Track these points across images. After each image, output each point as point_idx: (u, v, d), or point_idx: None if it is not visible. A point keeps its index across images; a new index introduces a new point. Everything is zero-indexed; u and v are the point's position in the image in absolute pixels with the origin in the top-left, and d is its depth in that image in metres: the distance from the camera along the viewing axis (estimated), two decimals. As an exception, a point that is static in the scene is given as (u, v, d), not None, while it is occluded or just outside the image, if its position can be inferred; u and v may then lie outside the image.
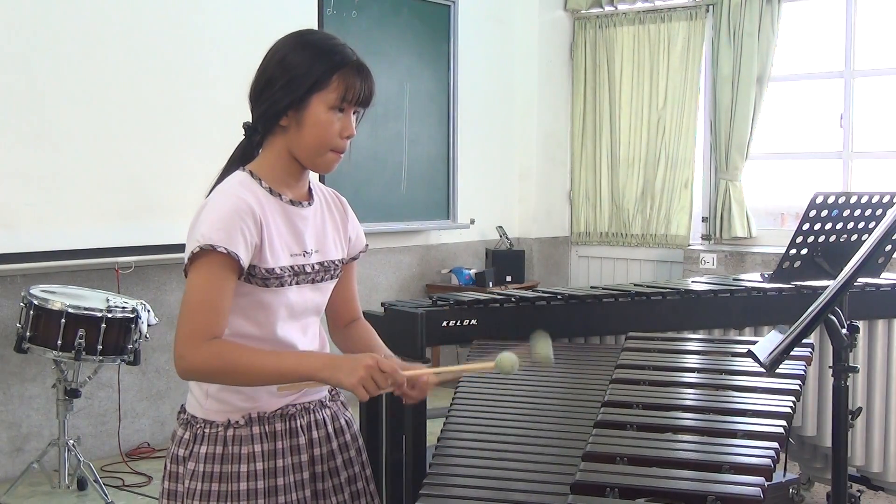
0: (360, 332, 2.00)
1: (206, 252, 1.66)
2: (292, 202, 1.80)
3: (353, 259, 1.98)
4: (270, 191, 1.77)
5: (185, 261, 1.69)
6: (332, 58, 1.74)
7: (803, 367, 2.15)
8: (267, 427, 1.78)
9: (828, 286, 1.72)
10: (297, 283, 1.79)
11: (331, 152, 1.77)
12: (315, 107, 1.73)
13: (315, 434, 1.85)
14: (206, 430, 1.78)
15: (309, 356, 1.75)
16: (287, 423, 1.81)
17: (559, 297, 2.98)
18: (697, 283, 3.39)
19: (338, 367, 1.67)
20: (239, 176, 1.77)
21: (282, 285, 1.76)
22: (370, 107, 1.81)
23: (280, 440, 1.79)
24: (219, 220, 1.67)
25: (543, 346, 1.79)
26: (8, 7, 4.12)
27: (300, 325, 1.83)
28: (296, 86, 1.72)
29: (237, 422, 1.77)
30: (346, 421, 1.94)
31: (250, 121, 1.81)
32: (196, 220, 1.71)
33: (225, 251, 1.65)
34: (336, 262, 1.89)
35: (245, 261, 1.69)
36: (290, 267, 1.77)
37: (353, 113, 1.78)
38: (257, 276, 1.72)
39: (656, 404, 1.98)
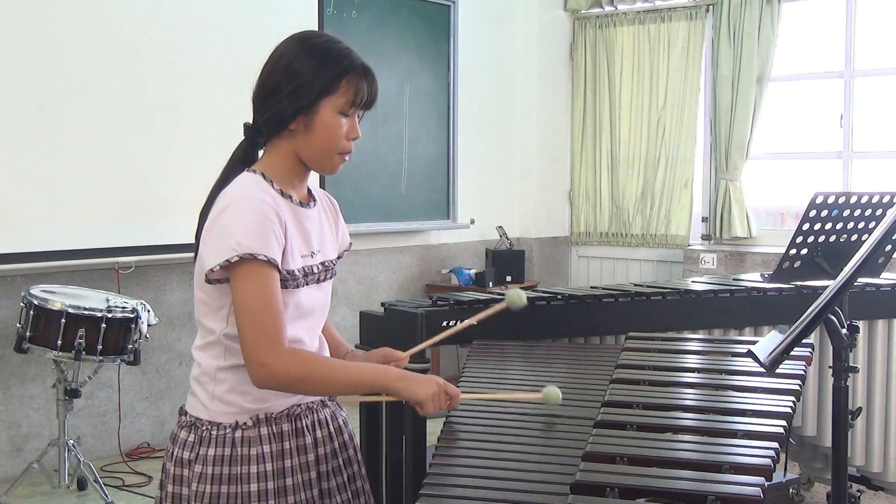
0: (325, 332, 2.02)
1: (248, 260, 1.65)
2: (300, 203, 1.82)
3: (339, 258, 2.00)
4: (282, 192, 1.78)
5: (215, 266, 1.67)
6: (339, 63, 1.75)
7: (803, 367, 2.15)
8: (274, 427, 1.79)
9: (828, 286, 1.72)
10: (307, 284, 1.80)
11: (338, 155, 1.80)
12: (324, 111, 1.75)
13: (319, 433, 1.86)
14: (213, 433, 1.77)
15: (383, 368, 1.80)
16: (293, 423, 1.82)
17: (559, 297, 2.98)
18: (697, 283, 3.39)
19: (412, 379, 1.75)
20: (252, 178, 1.77)
21: (297, 287, 1.77)
22: (372, 108, 1.84)
23: (287, 440, 1.80)
24: (252, 227, 1.67)
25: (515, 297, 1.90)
26: (8, 7, 4.12)
27: (308, 324, 1.84)
28: (304, 92, 1.74)
29: (245, 423, 1.77)
30: (343, 420, 1.96)
31: (251, 122, 1.81)
32: (220, 224, 1.68)
33: (265, 258, 1.66)
34: (334, 261, 1.92)
35: (280, 264, 1.70)
36: (302, 268, 1.79)
37: (357, 115, 1.81)
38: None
39: (656, 404, 1.98)
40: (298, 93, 1.73)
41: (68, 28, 4.30)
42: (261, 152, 1.84)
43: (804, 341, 1.74)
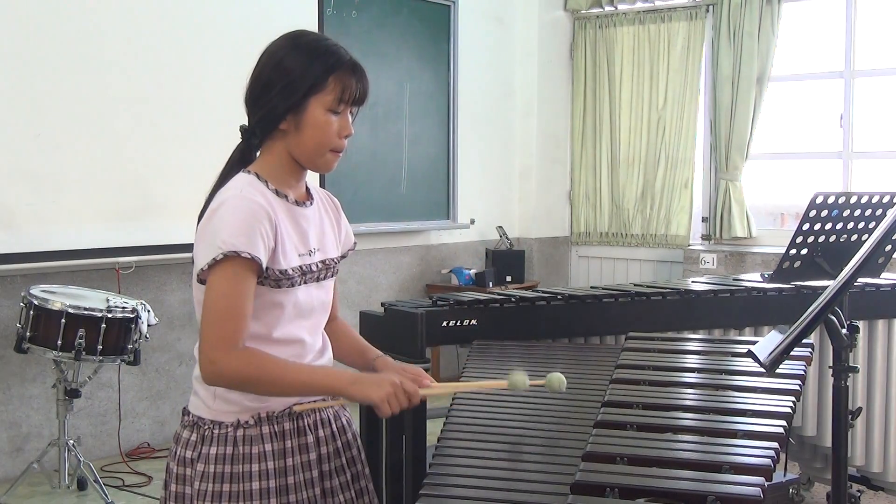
0: (342, 331, 2.02)
1: (230, 258, 1.66)
2: (296, 202, 1.82)
3: (343, 257, 2.00)
4: (277, 192, 1.79)
5: (204, 266, 1.68)
6: (326, 59, 1.75)
7: (803, 367, 2.15)
8: (276, 426, 1.79)
9: (828, 286, 1.72)
10: (305, 283, 1.81)
11: (330, 152, 1.79)
12: (313, 109, 1.75)
13: (321, 432, 1.87)
14: (215, 431, 1.78)
15: (336, 372, 1.77)
16: (295, 421, 1.82)
17: (559, 297, 2.98)
18: (697, 283, 3.39)
19: (365, 382, 1.72)
20: (246, 178, 1.78)
21: (293, 285, 1.77)
22: (364, 105, 1.83)
23: (289, 439, 1.80)
24: (239, 225, 1.67)
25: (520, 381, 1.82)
26: (8, 7, 4.12)
27: (309, 323, 1.84)
28: (293, 90, 1.74)
29: (247, 422, 1.77)
30: (346, 420, 1.96)
31: (247, 124, 1.82)
32: (210, 224, 1.70)
33: (249, 256, 1.67)
34: (335, 260, 1.92)
35: (265, 264, 1.70)
36: (299, 267, 1.79)
37: (350, 111, 1.80)
38: (270, 278, 1.74)
39: (656, 404, 1.98)
40: (288, 90, 1.74)
41: (68, 28, 4.29)
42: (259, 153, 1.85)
43: (804, 341, 1.74)
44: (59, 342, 3.63)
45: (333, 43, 1.79)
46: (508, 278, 6.18)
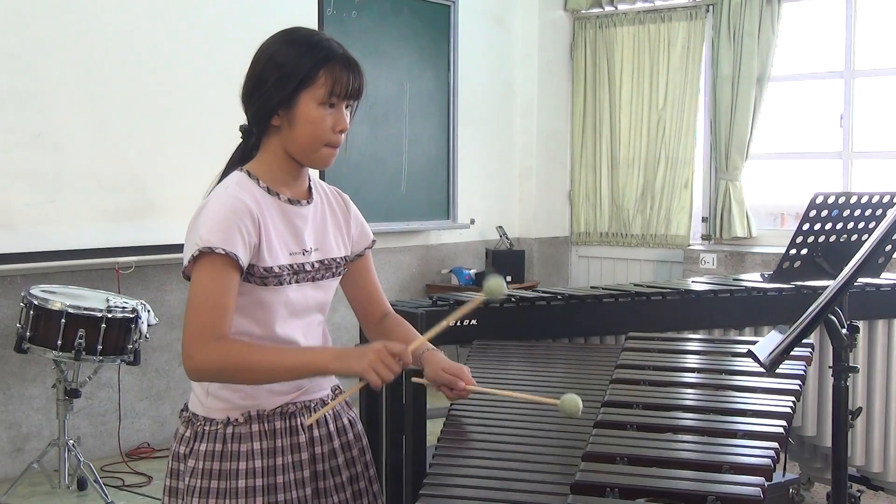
0: (394, 328, 1.99)
1: (206, 254, 1.67)
2: (290, 201, 1.81)
3: (359, 255, 1.98)
4: (268, 190, 1.78)
5: (186, 263, 1.70)
6: (317, 53, 1.74)
7: (803, 367, 2.15)
8: (266, 425, 1.79)
9: (828, 286, 1.72)
10: (297, 282, 1.80)
11: (325, 147, 1.78)
12: (304, 104, 1.74)
13: (316, 432, 1.86)
14: (207, 428, 1.78)
15: (316, 350, 1.79)
16: (287, 421, 1.82)
17: (559, 297, 2.98)
18: (697, 283, 3.39)
19: (347, 356, 1.69)
20: (236, 176, 1.78)
21: (280, 284, 1.76)
22: (361, 98, 1.81)
23: (280, 438, 1.80)
24: (217, 222, 1.68)
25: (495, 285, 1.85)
26: (8, 7, 4.12)
27: (302, 323, 1.84)
28: (284, 84, 1.73)
29: (237, 419, 1.78)
30: (349, 420, 1.95)
31: (246, 123, 1.82)
32: (194, 222, 1.72)
33: (223, 252, 1.66)
34: (338, 260, 1.89)
35: (245, 260, 1.70)
36: (290, 266, 1.78)
37: (346, 107, 1.79)
38: (256, 276, 1.73)
39: (656, 404, 1.98)
40: (279, 84, 1.73)
41: (68, 28, 4.29)
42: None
43: (804, 341, 1.74)
44: (59, 342, 3.63)
45: (326, 37, 1.78)
46: (508, 278, 6.16)
